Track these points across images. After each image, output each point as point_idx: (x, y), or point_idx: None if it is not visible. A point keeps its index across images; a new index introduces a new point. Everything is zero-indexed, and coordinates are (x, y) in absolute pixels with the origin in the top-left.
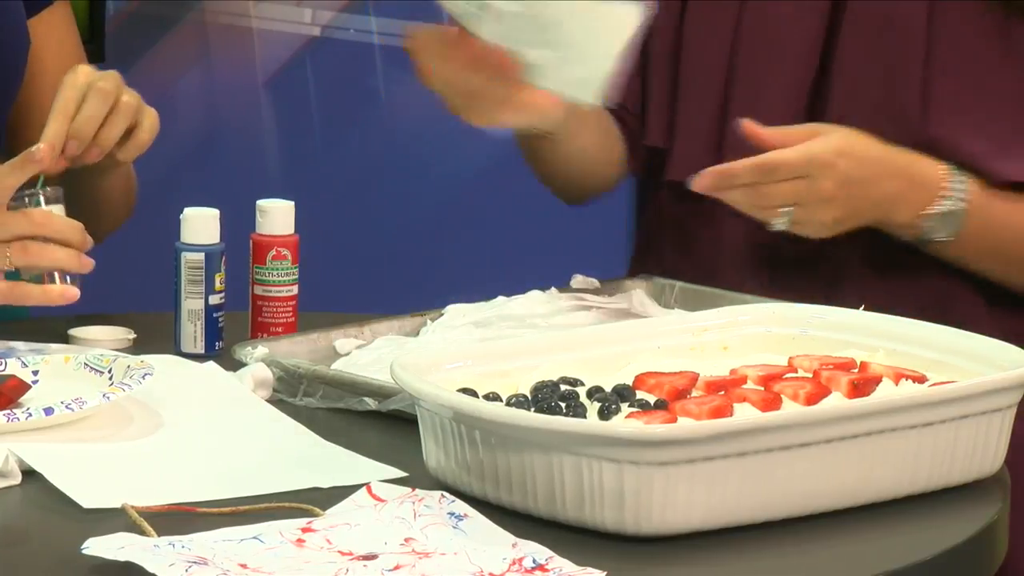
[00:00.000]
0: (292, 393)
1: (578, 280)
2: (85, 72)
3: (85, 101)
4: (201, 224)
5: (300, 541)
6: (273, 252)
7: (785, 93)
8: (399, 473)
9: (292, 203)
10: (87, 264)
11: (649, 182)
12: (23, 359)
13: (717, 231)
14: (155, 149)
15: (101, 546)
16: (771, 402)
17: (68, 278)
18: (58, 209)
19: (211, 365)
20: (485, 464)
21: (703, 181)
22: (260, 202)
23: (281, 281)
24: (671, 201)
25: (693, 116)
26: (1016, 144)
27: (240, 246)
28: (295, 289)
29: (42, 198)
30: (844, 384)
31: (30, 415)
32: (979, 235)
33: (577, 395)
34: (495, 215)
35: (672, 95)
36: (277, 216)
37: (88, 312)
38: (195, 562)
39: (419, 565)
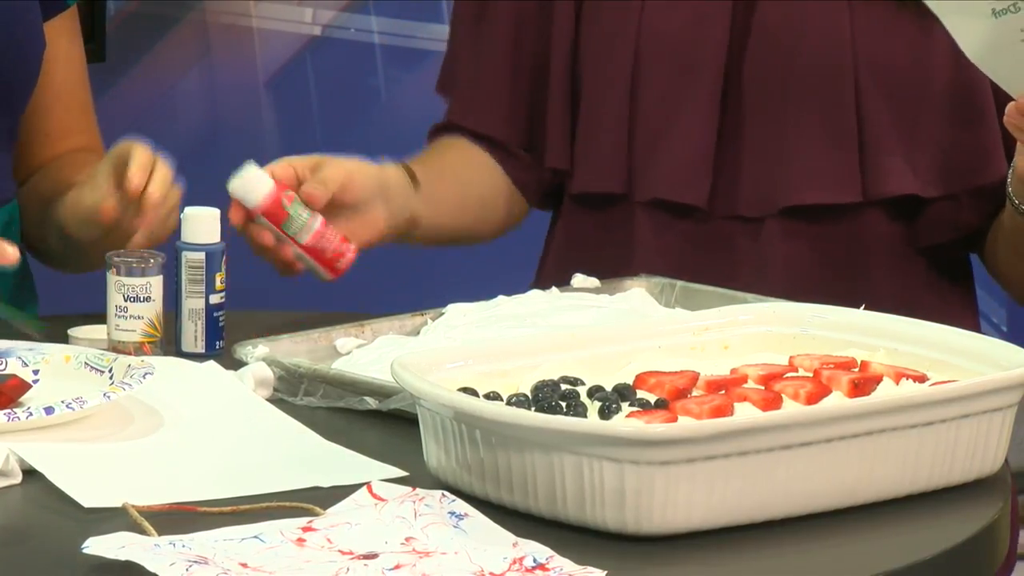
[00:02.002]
0: (293, 392)
1: (578, 279)
2: (146, 151)
3: (155, 172)
4: (202, 223)
5: (301, 540)
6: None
7: (696, 92)
8: (400, 472)
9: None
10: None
11: (552, 204)
12: (23, 358)
13: (627, 234)
14: (156, 148)
15: (102, 545)
16: (772, 401)
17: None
18: (156, 281)
19: (212, 364)
20: (486, 463)
21: (1011, 119)
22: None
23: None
24: (577, 214)
25: (598, 126)
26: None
27: (241, 246)
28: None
29: None
30: (845, 383)
31: (31, 414)
32: None
33: (578, 394)
34: None
35: (569, 112)
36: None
37: (88, 312)
38: (196, 561)
39: (420, 564)
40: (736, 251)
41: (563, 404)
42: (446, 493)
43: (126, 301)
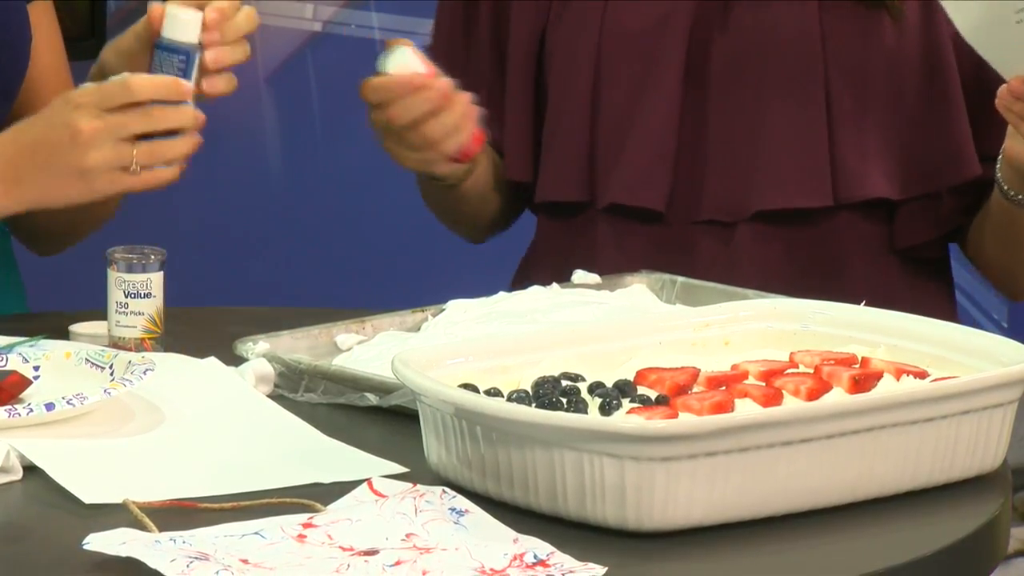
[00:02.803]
0: (293, 389)
1: (579, 276)
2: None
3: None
4: (183, 22)
5: (301, 536)
6: None
7: (656, 95)
8: (400, 469)
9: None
10: (200, 121)
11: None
12: (24, 354)
13: (591, 240)
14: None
15: (102, 542)
16: (772, 398)
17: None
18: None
19: (212, 360)
20: (486, 460)
21: (1003, 101)
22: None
23: None
24: (544, 221)
25: (561, 133)
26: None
27: (240, 241)
28: None
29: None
30: (845, 380)
31: (31, 411)
32: None
33: (578, 391)
34: None
35: (531, 122)
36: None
37: (89, 308)
38: (196, 557)
39: (420, 561)
40: (703, 256)
41: (564, 400)
42: (447, 489)
43: (127, 297)
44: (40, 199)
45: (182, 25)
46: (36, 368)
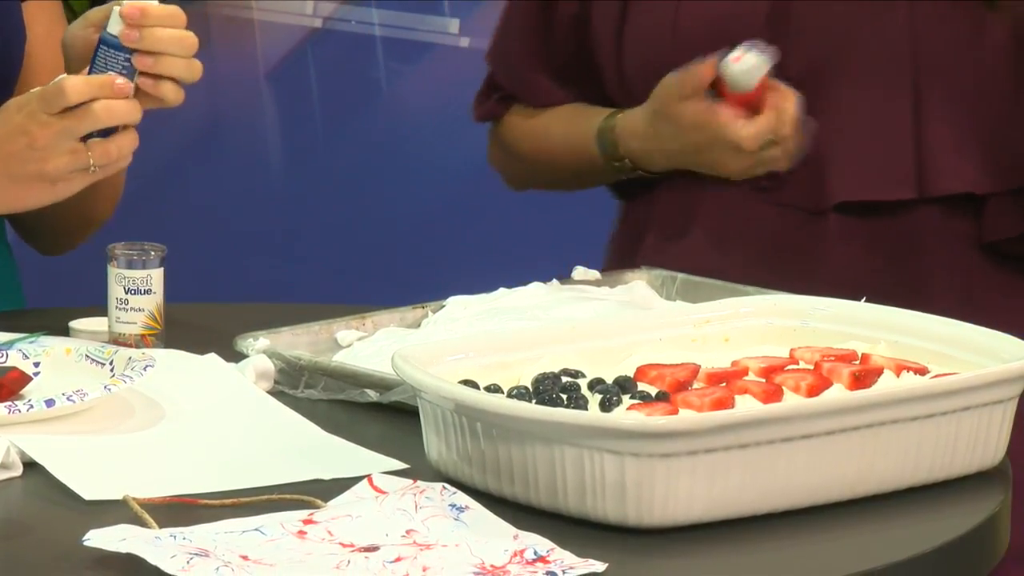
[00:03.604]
0: (293, 385)
1: (579, 272)
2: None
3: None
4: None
5: (301, 533)
6: None
7: None
8: (400, 465)
9: None
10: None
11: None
12: (24, 351)
13: (697, 220)
14: (156, 140)
15: (102, 538)
16: (772, 394)
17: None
18: (157, 274)
19: (212, 357)
20: (486, 456)
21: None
22: None
23: None
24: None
25: None
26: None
27: (241, 237)
28: None
29: None
30: (845, 376)
31: (31, 407)
32: None
33: (578, 387)
34: (497, 207)
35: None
36: None
37: (88, 304)
38: (196, 554)
39: (420, 557)
40: (786, 243)
41: (564, 396)
42: (447, 486)
43: (127, 293)
44: (8, 206)
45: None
46: (36, 364)
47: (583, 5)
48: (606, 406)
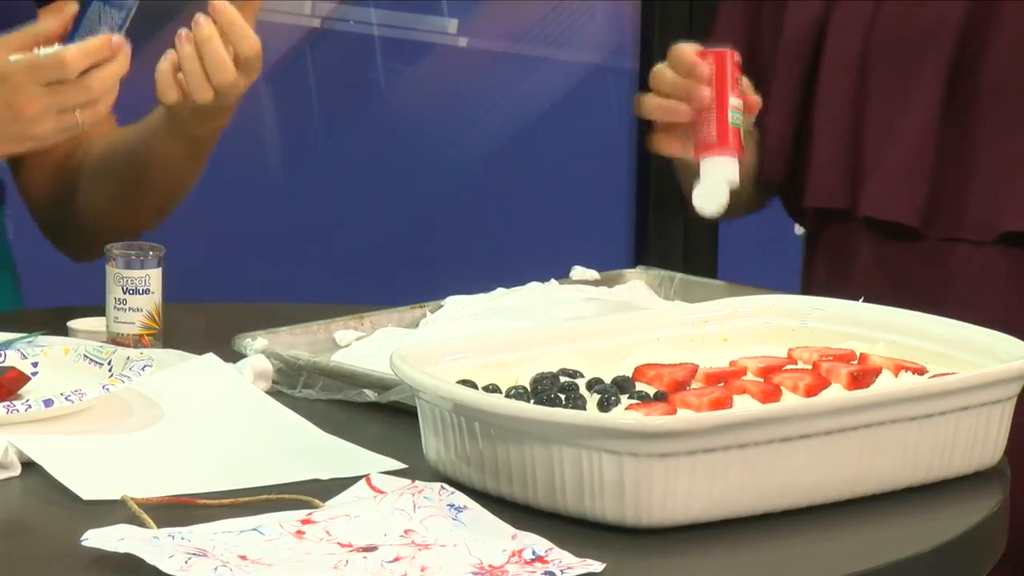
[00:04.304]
0: (292, 385)
1: (577, 272)
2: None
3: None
4: None
5: (300, 533)
6: None
7: (916, 103)
8: (399, 465)
9: None
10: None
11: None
12: (22, 351)
13: (850, 248)
14: None
15: (101, 538)
16: (771, 394)
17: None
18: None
19: (211, 356)
20: (485, 456)
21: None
22: None
23: None
24: (808, 226)
25: (822, 137)
26: None
27: (239, 237)
28: None
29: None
30: (844, 376)
31: (30, 407)
32: None
33: (577, 387)
34: (495, 207)
35: (791, 125)
36: None
37: (87, 304)
38: (195, 554)
39: (419, 557)
40: (952, 274)
41: (562, 396)
42: (445, 485)
43: (125, 293)
44: None
45: None
46: (35, 364)
47: (782, 5)
48: (604, 406)
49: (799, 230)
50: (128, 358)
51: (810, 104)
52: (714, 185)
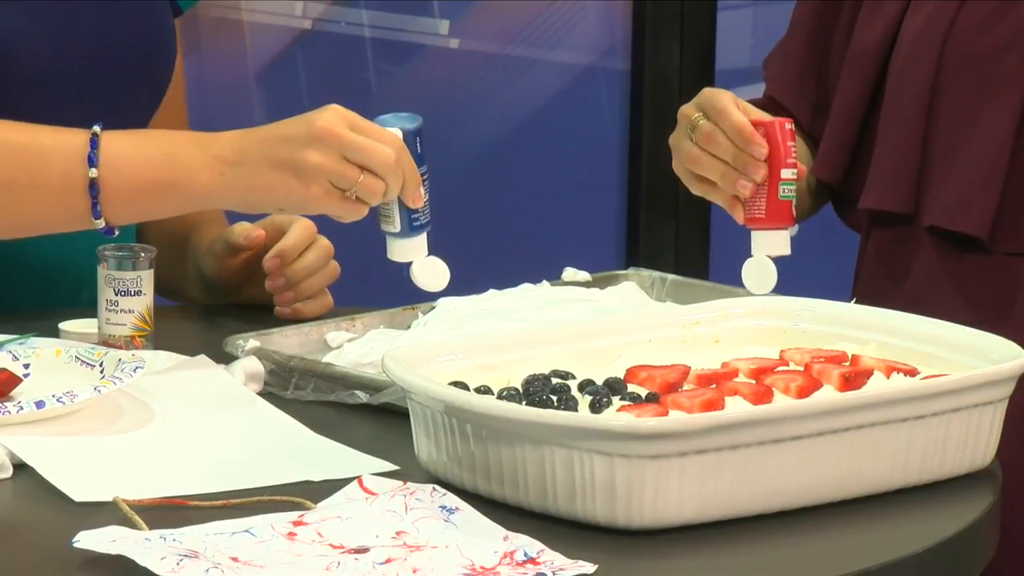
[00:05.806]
0: (283, 386)
1: (569, 273)
2: (310, 226)
3: (308, 251)
4: None
5: (291, 534)
6: None
7: (993, 115)
8: (390, 466)
9: None
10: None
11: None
12: (14, 352)
13: (912, 256)
14: None
15: (92, 539)
16: (762, 395)
17: None
18: (147, 275)
19: (202, 358)
20: (476, 457)
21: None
22: None
23: None
24: (873, 227)
25: (891, 141)
26: None
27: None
28: None
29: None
30: (835, 377)
31: (21, 408)
32: None
33: (568, 388)
34: (486, 208)
35: (854, 126)
36: None
37: (78, 306)
38: (186, 555)
39: (410, 558)
40: (1016, 288)
41: (554, 398)
42: (437, 487)
43: (117, 295)
44: (251, 186)
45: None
46: (26, 366)
47: (859, 5)
48: (596, 407)
49: (794, 231)
50: (120, 360)
51: (876, 108)
52: (764, 264)
